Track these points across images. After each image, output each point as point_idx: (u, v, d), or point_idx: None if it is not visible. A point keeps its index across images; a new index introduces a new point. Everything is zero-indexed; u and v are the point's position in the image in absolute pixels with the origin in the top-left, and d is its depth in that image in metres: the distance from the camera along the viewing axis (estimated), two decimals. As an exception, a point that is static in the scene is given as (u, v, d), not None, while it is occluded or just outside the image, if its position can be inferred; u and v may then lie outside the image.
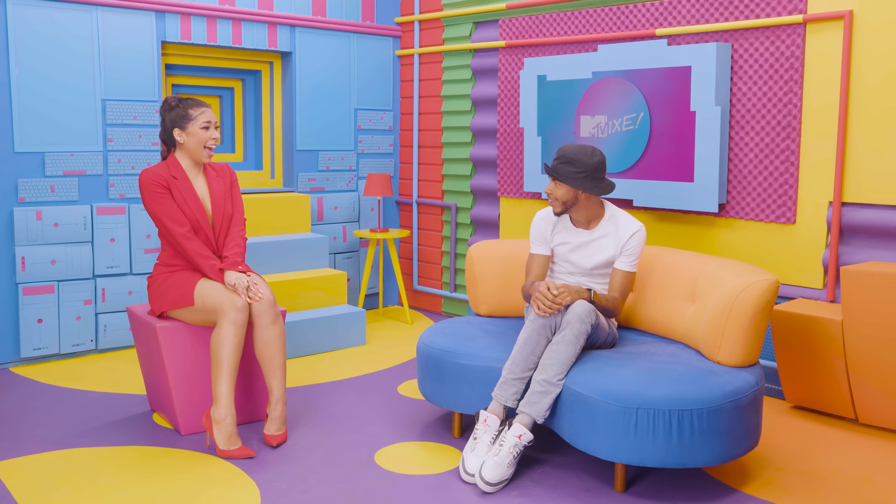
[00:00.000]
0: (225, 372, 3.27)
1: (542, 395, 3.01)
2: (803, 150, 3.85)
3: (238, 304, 3.29)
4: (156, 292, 3.48)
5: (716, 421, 2.81)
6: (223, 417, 3.26)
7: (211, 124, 3.46)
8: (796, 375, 3.71)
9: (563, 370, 3.01)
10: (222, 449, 3.24)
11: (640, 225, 3.35)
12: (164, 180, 3.41)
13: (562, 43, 4.78)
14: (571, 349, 3.03)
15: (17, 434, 3.50)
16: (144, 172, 3.41)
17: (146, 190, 3.39)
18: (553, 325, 3.13)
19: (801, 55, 3.81)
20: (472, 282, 3.88)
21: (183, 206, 3.42)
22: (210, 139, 3.46)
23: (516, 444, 2.99)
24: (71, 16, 4.54)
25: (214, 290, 3.34)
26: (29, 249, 4.46)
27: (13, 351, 4.49)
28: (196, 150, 3.46)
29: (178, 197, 3.42)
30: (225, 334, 3.27)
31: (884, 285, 3.32)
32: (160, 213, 3.39)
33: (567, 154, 3.30)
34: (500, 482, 2.95)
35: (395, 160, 6.04)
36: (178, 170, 3.46)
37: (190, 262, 3.44)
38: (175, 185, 3.43)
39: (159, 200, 3.39)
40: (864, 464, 3.21)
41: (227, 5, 5.09)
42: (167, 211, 3.39)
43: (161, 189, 3.39)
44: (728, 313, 3.02)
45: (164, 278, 3.48)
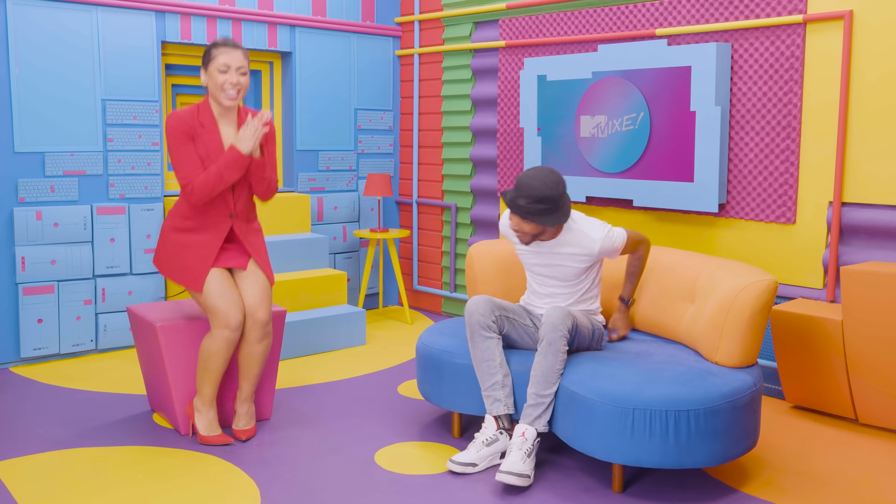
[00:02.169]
0: (211, 378, 3.35)
1: (535, 407, 3.07)
2: (803, 150, 3.85)
3: (233, 323, 3.27)
4: (168, 258, 3.37)
5: (713, 422, 2.81)
6: (204, 407, 3.37)
7: (230, 67, 3.23)
8: (796, 375, 3.71)
9: (549, 380, 3.05)
10: (203, 434, 3.34)
11: (600, 231, 3.25)
12: (188, 126, 3.23)
13: (562, 43, 4.78)
14: (551, 358, 3.05)
15: (17, 434, 3.50)
16: (171, 115, 3.24)
17: (168, 134, 3.23)
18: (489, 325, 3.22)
19: (801, 55, 3.81)
20: (472, 282, 3.88)
21: (205, 157, 3.25)
22: (227, 83, 3.23)
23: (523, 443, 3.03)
24: (71, 15, 4.54)
25: (220, 297, 3.27)
26: (29, 249, 4.46)
27: (13, 351, 4.49)
28: (215, 92, 3.27)
29: (200, 146, 3.25)
30: (217, 349, 3.29)
31: (884, 285, 3.32)
32: (177, 160, 3.22)
33: (533, 191, 3.12)
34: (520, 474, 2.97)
35: (395, 160, 6.04)
36: (208, 115, 3.28)
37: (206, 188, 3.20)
38: (200, 133, 3.24)
39: (179, 147, 3.22)
40: (864, 464, 3.21)
41: (227, 5, 5.09)
42: (185, 158, 3.21)
43: (182, 136, 3.22)
44: (726, 314, 3.02)
45: (179, 251, 3.33)
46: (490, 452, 3.14)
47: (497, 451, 3.16)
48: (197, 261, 3.31)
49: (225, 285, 3.31)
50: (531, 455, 3.04)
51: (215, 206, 3.31)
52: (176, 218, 3.35)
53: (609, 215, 4.62)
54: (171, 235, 3.36)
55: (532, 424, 3.06)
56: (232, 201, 3.35)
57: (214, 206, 3.31)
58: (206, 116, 3.27)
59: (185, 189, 3.22)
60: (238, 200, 3.37)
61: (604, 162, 4.47)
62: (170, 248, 3.36)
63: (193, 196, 3.22)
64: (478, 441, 3.16)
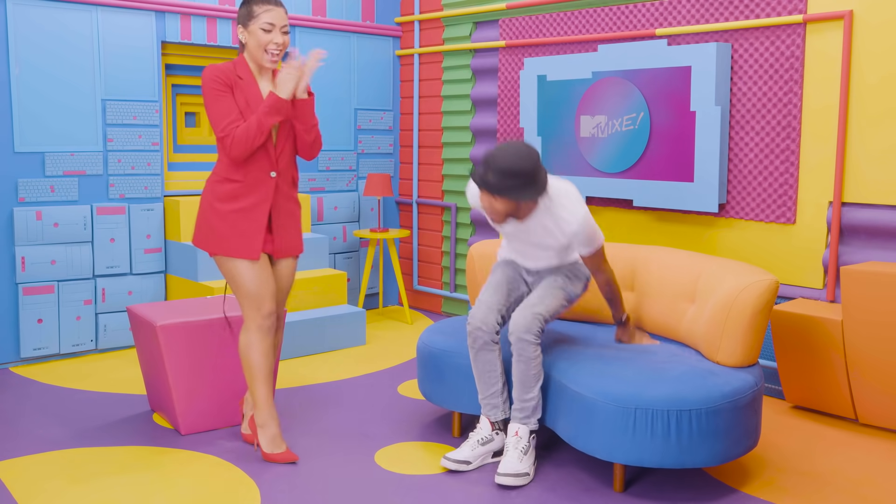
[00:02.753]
0: (259, 377, 3.14)
1: (521, 410, 3.11)
2: (803, 149, 3.85)
3: (265, 310, 3.12)
4: (216, 233, 3.10)
5: (714, 421, 2.81)
6: (265, 421, 3.17)
7: (275, 27, 3.03)
8: (796, 375, 3.71)
9: (527, 385, 3.08)
10: (267, 452, 3.16)
11: (578, 215, 3.02)
12: (227, 77, 3.04)
13: (562, 43, 4.78)
14: (523, 366, 3.07)
15: (17, 434, 3.50)
16: (207, 68, 3.04)
17: (205, 87, 3.02)
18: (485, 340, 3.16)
19: (801, 55, 3.81)
20: (472, 282, 3.88)
21: (245, 110, 3.05)
22: (271, 43, 3.04)
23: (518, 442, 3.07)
24: (71, 16, 4.54)
25: (253, 282, 3.09)
26: (29, 249, 4.46)
27: (13, 351, 4.49)
28: (256, 53, 3.06)
29: (240, 99, 3.05)
30: (253, 340, 3.13)
31: (884, 285, 3.32)
32: (216, 112, 3.00)
33: (503, 165, 2.87)
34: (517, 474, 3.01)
35: (395, 160, 6.04)
36: (246, 70, 3.10)
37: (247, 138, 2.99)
38: (239, 86, 3.06)
39: (218, 98, 3.01)
40: (864, 464, 3.21)
41: (227, 5, 5.09)
42: (224, 109, 3.01)
43: (222, 87, 3.02)
44: (727, 313, 3.02)
45: (228, 220, 3.08)
46: (484, 451, 3.17)
47: (491, 450, 3.19)
48: (250, 225, 3.09)
49: (259, 269, 3.12)
50: (528, 452, 3.06)
51: (257, 161, 3.08)
52: (216, 185, 3.11)
53: (609, 215, 4.63)
54: (215, 207, 3.10)
55: (523, 423, 3.11)
56: (274, 155, 3.11)
57: (256, 162, 3.08)
58: (244, 70, 3.09)
59: (223, 141, 3.01)
60: (281, 155, 3.14)
61: (604, 162, 4.47)
62: (215, 221, 3.10)
63: (234, 148, 2.99)
64: (472, 440, 3.18)
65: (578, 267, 3.30)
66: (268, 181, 3.12)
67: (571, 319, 3.78)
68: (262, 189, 3.11)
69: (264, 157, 3.09)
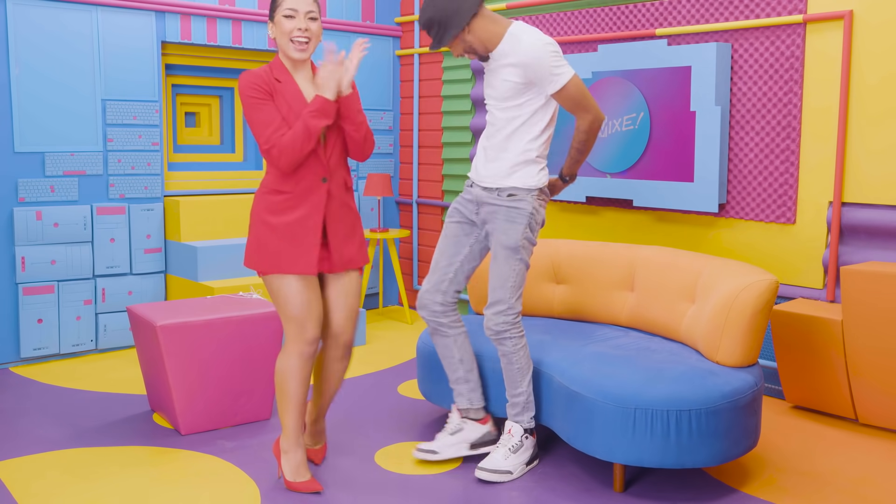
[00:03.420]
0: (292, 404, 2.94)
1: (513, 406, 3.14)
2: (803, 149, 3.85)
3: (309, 337, 2.90)
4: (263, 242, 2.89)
5: (714, 421, 2.81)
6: (291, 447, 2.97)
7: (298, 12, 2.82)
8: (796, 375, 3.71)
9: (513, 381, 3.11)
10: (289, 480, 2.96)
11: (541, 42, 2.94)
12: (265, 83, 2.83)
13: (562, 43, 4.78)
14: (504, 361, 3.11)
15: (17, 434, 3.50)
16: (243, 75, 2.85)
17: (243, 95, 2.82)
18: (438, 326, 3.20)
19: (801, 55, 3.81)
20: (472, 281, 3.88)
21: (288, 115, 2.83)
22: (295, 30, 2.82)
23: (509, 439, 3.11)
24: (71, 16, 4.54)
25: (300, 303, 2.87)
26: (29, 249, 4.46)
27: (13, 351, 4.49)
28: (283, 44, 2.86)
29: (281, 103, 2.84)
30: (292, 366, 2.91)
31: (884, 285, 3.32)
32: (258, 121, 2.80)
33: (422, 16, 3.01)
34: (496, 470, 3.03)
35: (395, 160, 6.04)
36: (282, 71, 2.89)
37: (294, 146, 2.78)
38: (279, 90, 2.85)
39: (257, 107, 2.81)
40: (864, 464, 3.21)
41: (227, 5, 5.09)
42: (266, 117, 2.80)
43: (261, 94, 2.81)
44: (727, 313, 3.02)
45: (279, 230, 2.86)
46: (454, 441, 3.19)
47: (462, 440, 3.19)
48: (304, 237, 2.87)
49: (307, 290, 2.89)
50: (518, 451, 3.08)
51: (307, 167, 2.85)
52: (265, 197, 2.90)
53: (609, 215, 4.63)
54: (266, 220, 2.88)
55: (515, 421, 3.12)
56: (325, 158, 2.89)
57: (306, 168, 2.85)
58: (281, 72, 2.88)
59: (269, 152, 2.79)
60: (331, 158, 2.91)
61: (604, 162, 4.47)
62: (266, 236, 2.88)
63: (282, 158, 2.78)
64: (444, 430, 3.25)
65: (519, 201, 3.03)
66: (319, 188, 2.88)
67: (571, 319, 3.78)
68: (314, 197, 2.87)
69: (314, 161, 2.87)
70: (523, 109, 3.03)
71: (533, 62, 2.93)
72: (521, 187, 3.03)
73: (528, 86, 2.99)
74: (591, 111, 3.03)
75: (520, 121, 3.03)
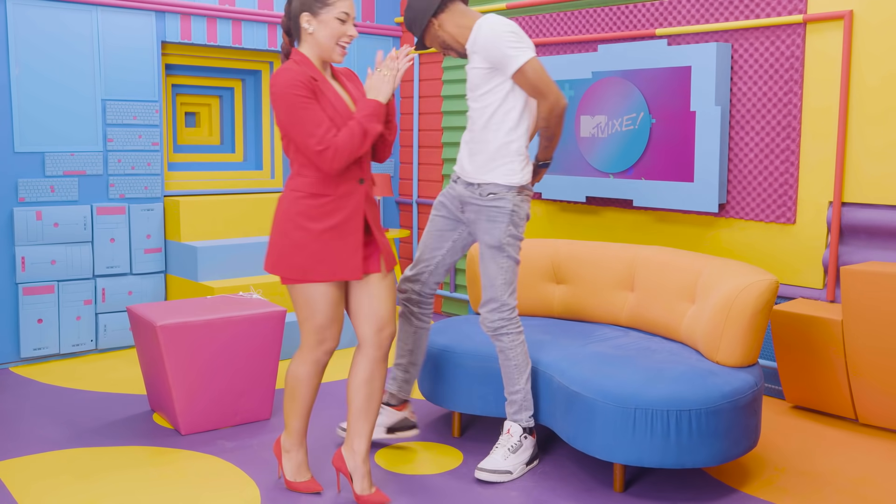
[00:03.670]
0: (300, 408, 2.87)
1: (510, 404, 3.16)
2: (803, 149, 3.85)
3: (330, 346, 2.83)
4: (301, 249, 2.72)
5: (714, 421, 2.81)
6: (293, 447, 2.92)
7: (350, 17, 2.73)
8: (796, 375, 3.71)
9: (510, 378, 3.13)
10: (289, 480, 2.93)
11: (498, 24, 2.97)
12: (308, 81, 2.64)
13: (562, 43, 4.78)
14: (501, 357, 3.13)
15: (17, 434, 3.50)
16: (282, 75, 2.63)
17: (284, 96, 2.61)
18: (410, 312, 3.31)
19: (801, 55, 3.81)
20: (472, 282, 3.88)
21: (334, 116, 2.68)
22: (345, 35, 2.73)
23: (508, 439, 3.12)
24: (71, 16, 4.54)
25: (329, 312, 2.77)
26: (29, 249, 4.46)
27: (13, 351, 4.49)
28: (327, 45, 2.71)
29: (325, 103, 2.68)
30: (307, 373, 2.83)
31: (884, 285, 3.32)
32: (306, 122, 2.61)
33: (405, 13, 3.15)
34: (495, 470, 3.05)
35: (395, 160, 6.04)
36: (315, 70, 2.73)
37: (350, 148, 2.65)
38: (320, 89, 2.68)
39: (306, 107, 2.62)
40: (864, 464, 3.21)
41: (227, 5, 5.09)
42: (316, 118, 2.62)
43: (307, 93, 2.63)
44: (727, 313, 3.02)
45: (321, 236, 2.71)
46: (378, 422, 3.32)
47: (382, 424, 3.33)
48: (347, 241, 2.74)
49: (338, 298, 2.80)
50: (518, 451, 3.09)
51: (348, 169, 2.75)
52: (300, 202, 2.72)
53: (609, 215, 4.63)
54: (305, 227, 2.71)
55: (514, 420, 3.14)
56: (364, 161, 2.81)
57: (346, 171, 2.74)
58: (314, 70, 2.72)
59: (323, 154, 2.62)
60: (364, 159, 2.82)
61: (604, 162, 4.47)
62: (305, 242, 2.72)
63: (336, 160, 2.64)
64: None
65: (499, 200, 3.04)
66: (358, 190, 2.77)
67: (571, 319, 3.78)
68: (354, 199, 2.76)
69: (354, 163, 2.76)
70: (493, 96, 3.04)
71: (489, 44, 2.97)
72: (502, 184, 3.04)
73: (493, 71, 3.02)
74: (550, 97, 3.01)
75: (491, 109, 3.05)
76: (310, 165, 2.70)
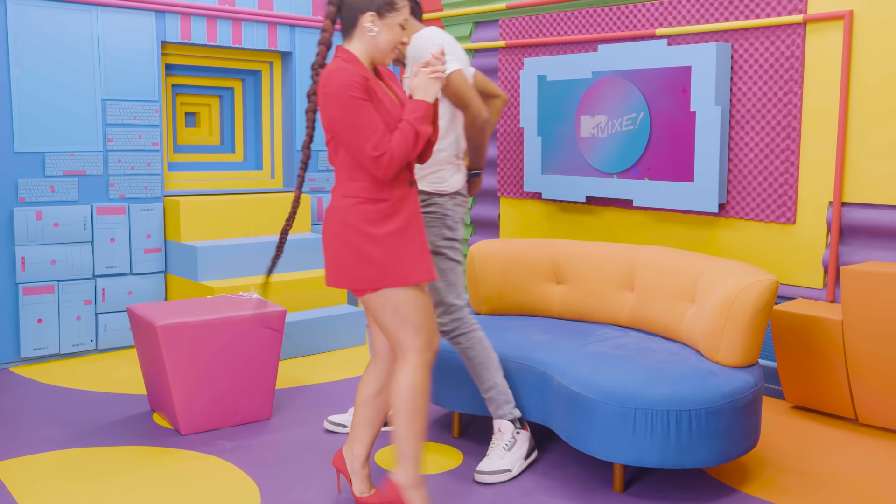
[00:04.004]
0: (425, 422, 2.65)
1: (489, 401, 3.17)
2: (803, 149, 3.85)
3: (435, 345, 2.68)
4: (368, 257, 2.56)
5: (714, 421, 2.81)
6: (419, 478, 2.66)
7: (407, 24, 2.67)
8: (796, 375, 3.71)
9: (479, 376, 3.14)
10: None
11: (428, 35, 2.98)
12: (363, 81, 2.52)
13: (562, 43, 4.78)
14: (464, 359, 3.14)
15: (17, 434, 3.50)
16: (338, 74, 2.49)
17: (343, 95, 2.48)
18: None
19: (801, 55, 3.81)
20: (472, 281, 3.88)
21: (387, 119, 2.56)
22: (401, 41, 2.64)
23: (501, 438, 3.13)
24: (71, 16, 4.54)
25: (425, 312, 2.64)
26: (29, 249, 4.46)
27: (13, 351, 4.49)
28: (385, 49, 2.61)
29: (379, 105, 2.56)
30: (424, 380, 2.62)
31: (884, 285, 3.32)
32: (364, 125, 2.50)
33: None
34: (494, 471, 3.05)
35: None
36: (364, 68, 2.59)
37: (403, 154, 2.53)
38: (371, 89, 2.55)
39: (363, 108, 2.50)
40: (864, 464, 3.21)
41: (227, 5, 5.09)
42: (373, 122, 2.51)
43: (364, 94, 2.51)
44: (727, 313, 3.02)
45: (385, 242, 2.56)
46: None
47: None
48: (412, 244, 2.62)
49: (426, 296, 2.66)
50: (513, 448, 3.10)
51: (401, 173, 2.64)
52: (359, 208, 2.58)
53: (609, 215, 4.63)
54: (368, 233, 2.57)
55: (499, 417, 3.15)
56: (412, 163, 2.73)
57: (400, 174, 2.64)
58: (365, 70, 2.59)
59: (380, 160, 2.50)
60: (412, 162, 2.73)
61: (604, 162, 4.47)
62: (371, 249, 2.57)
63: (391, 166, 2.52)
64: None
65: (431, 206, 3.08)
66: (411, 192, 2.67)
67: (571, 319, 3.79)
68: (409, 202, 2.66)
69: (406, 167, 2.67)
70: None
71: (417, 54, 3.00)
72: (433, 192, 3.10)
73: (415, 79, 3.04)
74: (472, 109, 3.05)
75: None
76: (361, 170, 2.57)
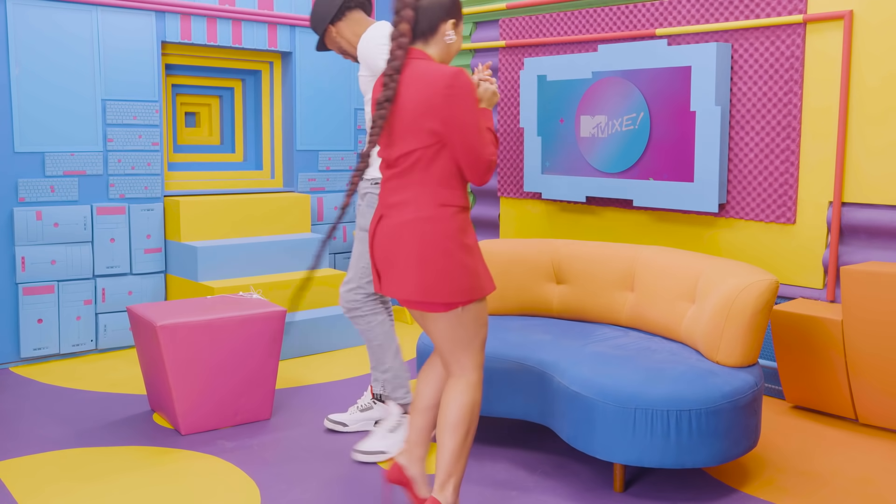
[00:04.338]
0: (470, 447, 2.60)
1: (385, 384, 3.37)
2: (803, 149, 3.85)
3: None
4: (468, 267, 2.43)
5: (714, 421, 2.81)
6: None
7: None
8: (796, 375, 3.71)
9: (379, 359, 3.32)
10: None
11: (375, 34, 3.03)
12: None
13: (562, 43, 4.78)
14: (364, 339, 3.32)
15: (17, 434, 3.50)
16: (463, 74, 2.43)
17: (475, 98, 2.46)
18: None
19: (801, 55, 3.81)
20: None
21: None
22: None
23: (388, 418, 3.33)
24: (71, 16, 4.54)
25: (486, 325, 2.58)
26: (29, 249, 4.46)
27: (13, 351, 4.49)
28: (451, 56, 2.63)
29: None
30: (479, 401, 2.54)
31: (884, 285, 3.32)
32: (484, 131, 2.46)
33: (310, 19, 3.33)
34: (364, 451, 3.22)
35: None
36: None
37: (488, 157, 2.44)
38: None
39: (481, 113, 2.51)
40: (864, 464, 3.21)
41: (227, 5, 5.09)
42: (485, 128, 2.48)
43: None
44: (727, 313, 3.02)
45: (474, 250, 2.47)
46: (362, 418, 3.48)
47: (369, 417, 3.47)
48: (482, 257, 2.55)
49: None
50: (396, 430, 3.26)
51: None
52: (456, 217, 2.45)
53: (609, 215, 4.63)
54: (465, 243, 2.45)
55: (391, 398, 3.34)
56: None
57: None
58: None
59: (492, 167, 2.46)
60: None
61: (604, 162, 4.47)
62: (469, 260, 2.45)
63: (491, 172, 2.48)
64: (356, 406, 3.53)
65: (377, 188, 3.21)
66: None
67: (571, 319, 3.79)
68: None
69: None
70: None
71: (366, 52, 3.15)
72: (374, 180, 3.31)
73: (373, 79, 3.20)
74: None
75: None
76: (457, 177, 2.45)
